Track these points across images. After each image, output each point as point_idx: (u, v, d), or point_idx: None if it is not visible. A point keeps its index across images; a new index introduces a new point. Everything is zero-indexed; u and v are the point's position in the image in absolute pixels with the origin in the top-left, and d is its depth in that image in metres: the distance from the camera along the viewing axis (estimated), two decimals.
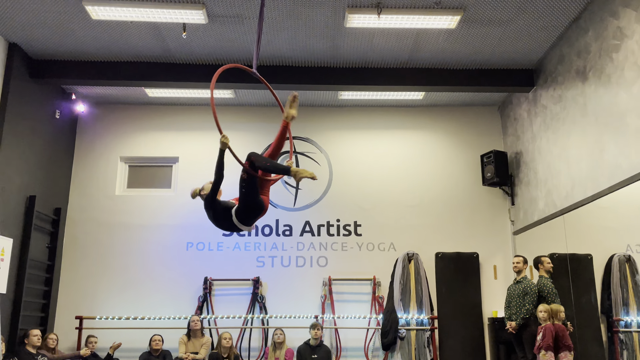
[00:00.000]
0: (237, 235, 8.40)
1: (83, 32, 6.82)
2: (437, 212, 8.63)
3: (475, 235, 8.52)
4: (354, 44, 7.13)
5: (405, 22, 6.51)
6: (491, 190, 8.70)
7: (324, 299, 8.13)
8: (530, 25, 6.70)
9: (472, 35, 6.92)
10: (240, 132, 8.54)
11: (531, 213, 7.84)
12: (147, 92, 8.35)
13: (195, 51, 7.29)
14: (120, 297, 8.14)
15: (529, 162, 7.95)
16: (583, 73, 6.46)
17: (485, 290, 8.28)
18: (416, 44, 7.15)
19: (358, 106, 8.98)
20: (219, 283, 8.22)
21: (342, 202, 8.62)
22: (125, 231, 8.42)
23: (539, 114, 7.65)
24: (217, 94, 8.38)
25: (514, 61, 7.60)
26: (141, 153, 8.79)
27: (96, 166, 8.68)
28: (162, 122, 8.87)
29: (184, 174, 8.70)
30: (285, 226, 8.53)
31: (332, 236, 8.51)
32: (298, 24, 6.63)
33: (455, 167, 8.81)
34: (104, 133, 8.80)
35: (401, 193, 8.69)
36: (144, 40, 7.03)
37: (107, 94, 8.56)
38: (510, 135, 8.65)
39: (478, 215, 8.60)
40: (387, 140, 8.92)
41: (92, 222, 8.45)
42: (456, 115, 9.00)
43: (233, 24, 6.65)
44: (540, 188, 7.59)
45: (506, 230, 8.57)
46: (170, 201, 8.58)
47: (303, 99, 8.63)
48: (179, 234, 8.42)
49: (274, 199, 8.48)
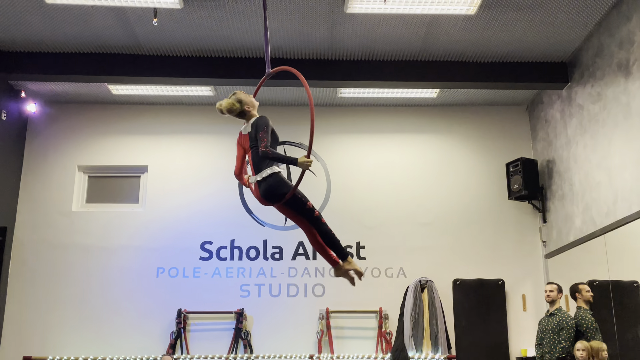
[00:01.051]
0: (217, 259, 8.40)
1: (34, 17, 6.83)
2: (454, 231, 8.64)
3: (500, 259, 8.52)
4: (356, 33, 7.17)
5: (417, 6, 6.55)
6: (519, 205, 8.72)
7: (321, 335, 8.11)
8: (563, 11, 6.75)
9: (494, 23, 6.97)
10: (219, 135, 8.56)
11: (566, 232, 7.86)
12: (111, 89, 8.37)
13: (168, 41, 7.32)
14: (77, 333, 8.09)
15: (563, 172, 7.97)
16: (626, 67, 6.50)
17: (512, 325, 8.28)
18: (429, 33, 7.19)
19: (360, 105, 9.01)
20: (196, 316, 8.19)
21: (342, 219, 8.60)
22: (83, 254, 8.39)
23: (574, 114, 7.69)
24: (194, 91, 8.42)
25: (545, 53, 7.65)
26: (103, 161, 8.78)
27: (49, 177, 8.67)
28: (128, 124, 8.88)
29: (154, 186, 8.70)
30: (274, 248, 8.52)
31: None
32: (290, 8, 6.68)
33: (476, 177, 8.84)
34: (59, 138, 8.81)
35: (412, 209, 8.70)
36: (108, 28, 7.05)
37: (63, 92, 8.58)
38: (540, 140, 8.68)
39: (503, 235, 8.62)
40: (395, 146, 8.95)
41: (44, 243, 8.42)
42: (477, 116, 9.04)
43: (211, 9, 6.68)
44: (576, 203, 7.61)
45: (537, 252, 8.58)
46: (137, 218, 8.57)
47: (296, 96, 8.67)
48: (147, 257, 8.40)
49: (260, 215, 8.47)
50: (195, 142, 8.84)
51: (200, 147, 8.79)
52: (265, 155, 4.21)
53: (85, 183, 8.84)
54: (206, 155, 8.81)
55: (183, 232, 8.50)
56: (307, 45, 7.41)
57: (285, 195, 4.23)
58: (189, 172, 8.75)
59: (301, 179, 4.20)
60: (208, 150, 8.82)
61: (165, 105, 8.94)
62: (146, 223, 8.53)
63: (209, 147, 8.80)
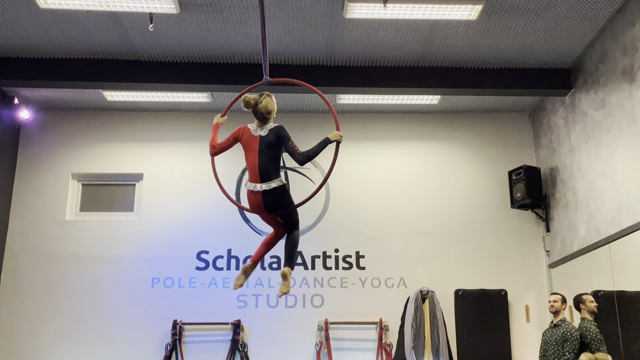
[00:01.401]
0: (213, 268, 8.36)
1: (29, 22, 6.82)
2: (456, 240, 8.61)
3: (502, 269, 8.49)
4: (355, 38, 7.15)
5: (417, 11, 6.54)
6: (522, 214, 8.69)
7: (320, 347, 8.07)
8: (566, 17, 6.74)
9: (496, 28, 6.96)
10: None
11: (570, 242, 7.82)
12: (106, 96, 8.35)
13: (164, 46, 7.30)
14: (70, 345, 8.05)
15: (567, 179, 7.94)
16: (630, 73, 6.49)
17: (515, 336, 8.24)
18: (430, 38, 7.18)
19: (360, 112, 8.99)
20: (192, 328, 8.15)
21: (341, 228, 8.59)
22: (77, 264, 8.35)
23: (577, 121, 7.67)
24: (190, 97, 8.39)
25: (547, 59, 7.64)
26: (97, 169, 8.75)
27: (43, 185, 8.64)
28: (123, 131, 8.86)
29: (149, 194, 8.67)
30: (272, 258, 8.47)
31: (329, 270, 8.46)
32: (288, 13, 6.66)
33: (478, 185, 8.82)
34: (53, 145, 8.78)
35: (413, 217, 8.67)
36: (103, 33, 7.03)
37: (58, 98, 8.55)
38: (543, 147, 8.66)
39: (506, 245, 8.59)
40: (396, 154, 8.93)
41: (37, 253, 8.38)
42: (478, 123, 9.03)
43: (208, 14, 6.67)
44: (580, 211, 7.58)
45: (540, 262, 8.56)
46: (132, 227, 8.53)
47: (294, 102, 8.65)
48: (142, 267, 8.36)
49: (258, 224, 8.42)
50: (192, 149, 8.80)
51: (196, 154, 8.74)
52: (308, 157, 4.42)
53: (79, 191, 8.81)
54: (202, 163, 8.69)
55: (179, 241, 8.46)
56: (305, 51, 7.39)
57: (290, 206, 4.45)
58: (185, 179, 8.71)
59: (336, 157, 4.53)
60: (204, 157, 8.59)
61: (161, 112, 8.92)
62: (141, 232, 8.49)
63: (206, 154, 8.57)
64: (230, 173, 8.52)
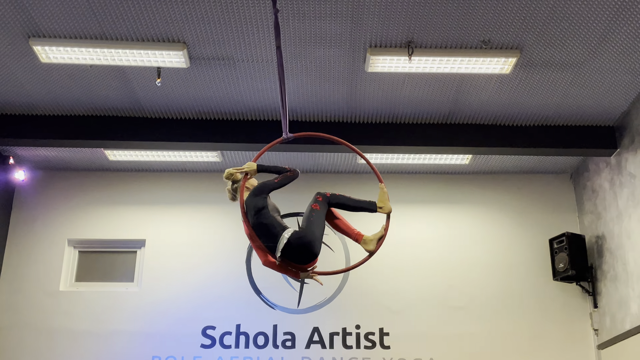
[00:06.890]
0: (220, 346, 8.27)
1: (28, 77, 7.00)
2: (492, 316, 8.49)
3: (545, 349, 8.33)
4: (378, 93, 7.26)
5: (445, 65, 6.64)
6: (565, 287, 8.58)
7: None
8: (609, 69, 6.80)
9: (532, 83, 7.03)
10: (226, 205, 8.51)
11: (621, 319, 7.67)
12: (108, 155, 8.48)
13: (172, 102, 7.45)
14: None
15: (615, 249, 7.85)
16: None
17: None
18: (459, 94, 7.27)
19: (383, 173, 8.96)
20: None
21: (363, 301, 8.51)
22: (71, 340, 8.30)
23: (625, 184, 7.64)
24: (199, 157, 8.50)
25: (589, 115, 7.67)
26: (96, 235, 8.82)
27: (36, 252, 8.69)
28: (125, 193, 8.96)
29: (151, 262, 8.68)
30: (285, 334, 8.38)
31: (349, 349, 8.35)
32: (306, 67, 6.80)
33: (515, 255, 8.75)
34: (49, 208, 8.88)
35: (443, 290, 8.60)
36: (106, 88, 7.20)
37: (56, 157, 8.70)
38: (588, 212, 8.60)
39: (549, 321, 8.45)
40: (423, 218, 8.92)
41: (27, 327, 8.36)
42: (514, 185, 9.03)
43: (220, 68, 6.82)
44: (631, 285, 7.46)
45: (588, 342, 8.39)
46: (132, 299, 8.52)
47: (310, 163, 8.73)
48: (143, 344, 8.29)
49: (270, 296, 8.37)
50: (199, 213, 8.86)
51: (204, 219, 8.80)
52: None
53: (75, 259, 8.84)
54: (211, 228, 8.81)
55: (183, 315, 8.41)
56: (324, 107, 7.50)
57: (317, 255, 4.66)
58: (191, 247, 8.73)
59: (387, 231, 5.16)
60: (213, 222, 8.82)
61: (167, 172, 9.03)
62: (142, 305, 8.46)
63: (214, 219, 8.81)
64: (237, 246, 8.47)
